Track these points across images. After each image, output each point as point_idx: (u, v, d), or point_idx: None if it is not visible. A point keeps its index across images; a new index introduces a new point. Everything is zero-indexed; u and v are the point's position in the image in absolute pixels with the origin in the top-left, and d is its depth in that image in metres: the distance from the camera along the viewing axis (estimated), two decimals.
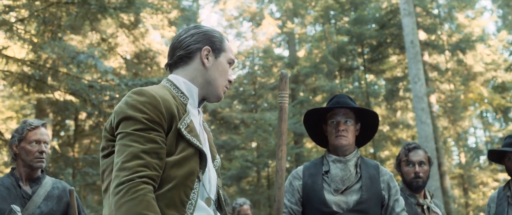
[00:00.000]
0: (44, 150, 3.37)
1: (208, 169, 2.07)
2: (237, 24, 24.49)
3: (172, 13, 17.16)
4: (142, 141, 1.87)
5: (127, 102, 1.95)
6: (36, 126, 3.39)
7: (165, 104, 1.95)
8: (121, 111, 1.94)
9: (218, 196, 2.18)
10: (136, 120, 1.90)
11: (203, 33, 2.19)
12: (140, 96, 1.95)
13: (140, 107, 1.92)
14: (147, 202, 1.77)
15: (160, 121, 1.92)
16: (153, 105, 1.92)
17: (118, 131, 1.93)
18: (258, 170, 18.43)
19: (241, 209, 5.97)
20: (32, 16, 8.71)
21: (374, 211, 3.11)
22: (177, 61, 2.17)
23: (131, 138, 1.88)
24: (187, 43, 2.16)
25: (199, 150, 2.00)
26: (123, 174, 1.81)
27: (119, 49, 15.37)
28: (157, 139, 1.90)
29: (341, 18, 21.65)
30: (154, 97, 1.94)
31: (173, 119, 1.96)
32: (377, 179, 3.19)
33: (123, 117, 1.93)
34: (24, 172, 3.37)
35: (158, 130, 1.91)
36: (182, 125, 1.98)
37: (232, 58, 2.22)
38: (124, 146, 1.88)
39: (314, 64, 19.58)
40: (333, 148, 3.24)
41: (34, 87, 9.53)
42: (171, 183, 1.89)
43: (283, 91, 2.54)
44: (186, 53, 2.15)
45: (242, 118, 18.36)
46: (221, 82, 2.18)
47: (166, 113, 1.94)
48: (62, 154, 11.77)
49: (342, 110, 3.20)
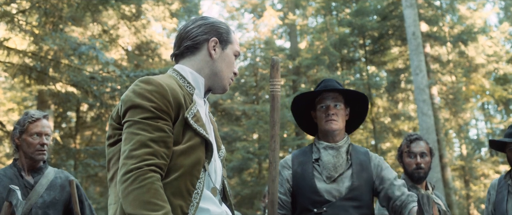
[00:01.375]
0: (45, 142, 3.37)
1: (214, 159, 2.09)
2: (238, 16, 24.45)
3: (173, 4, 17.14)
4: (150, 129, 1.87)
5: (134, 90, 1.95)
6: (37, 118, 3.39)
7: (173, 93, 1.96)
8: (128, 99, 1.94)
9: (223, 186, 2.19)
10: (144, 108, 1.90)
11: (211, 25, 2.18)
12: (147, 85, 1.95)
13: (147, 95, 1.92)
14: (155, 190, 1.78)
15: (167, 110, 1.92)
16: (161, 94, 1.93)
17: (126, 119, 1.93)
18: (259, 161, 18.45)
19: None
20: (33, 8, 8.70)
21: (365, 198, 3.03)
22: (184, 52, 2.18)
23: (138, 126, 1.88)
24: (194, 34, 2.16)
25: (206, 140, 2.00)
26: (131, 162, 1.82)
27: (121, 41, 15.36)
28: (165, 128, 1.90)
29: (342, 9, 21.59)
30: (161, 86, 1.94)
31: (181, 108, 1.97)
32: (367, 165, 3.11)
33: (130, 105, 1.93)
34: (26, 163, 3.38)
35: (165, 119, 1.92)
36: (189, 114, 1.98)
37: (238, 51, 2.23)
38: (131, 134, 1.88)
39: (315, 56, 19.54)
40: (323, 134, 3.15)
41: (36, 79, 9.54)
42: (177, 172, 1.90)
43: (274, 79, 2.46)
44: (193, 43, 2.16)
45: (244, 110, 18.38)
46: (227, 74, 2.19)
47: (173, 102, 1.94)
48: (64, 146, 11.79)
49: (331, 93, 3.12)
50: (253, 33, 22.35)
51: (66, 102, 13.17)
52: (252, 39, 20.52)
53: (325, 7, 21.40)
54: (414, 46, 15.47)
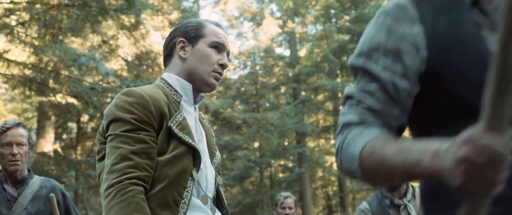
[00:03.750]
0: (15, 152, 3.23)
1: (205, 167, 2.04)
2: (238, 24, 24.47)
3: (172, 14, 17.16)
4: (131, 141, 1.86)
5: (116, 104, 1.94)
6: (7, 128, 3.26)
7: (155, 103, 1.93)
8: (110, 112, 1.93)
9: (218, 194, 2.14)
10: (125, 121, 1.88)
11: (179, 28, 2.17)
12: (128, 97, 1.93)
13: (128, 107, 1.90)
14: (136, 203, 1.76)
15: (149, 120, 1.90)
16: (142, 105, 1.90)
17: (108, 133, 1.92)
18: (260, 169, 18.45)
19: (284, 201, 5.51)
20: (33, 19, 8.72)
21: None
22: (165, 62, 2.18)
23: (120, 139, 1.87)
24: (166, 42, 2.17)
25: (192, 148, 1.96)
26: (112, 177, 1.80)
27: (120, 51, 15.38)
28: (147, 139, 1.88)
29: (341, 16, 21.63)
30: (142, 97, 1.92)
31: (164, 117, 1.94)
32: None
33: (112, 119, 1.92)
34: (7, 174, 3.29)
35: (147, 130, 1.89)
36: (173, 122, 1.94)
37: (216, 41, 2.11)
38: (113, 148, 1.87)
39: (315, 64, 19.57)
40: None
41: (36, 90, 9.54)
42: (163, 183, 1.87)
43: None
44: (167, 52, 2.16)
45: (244, 118, 18.38)
46: (204, 69, 2.09)
47: (155, 112, 1.92)
48: (65, 157, 11.78)
49: None
50: (252, 41, 22.42)
51: (67, 114, 13.17)
52: (251, 47, 20.58)
53: (324, 15, 21.45)
54: None
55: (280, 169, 20.70)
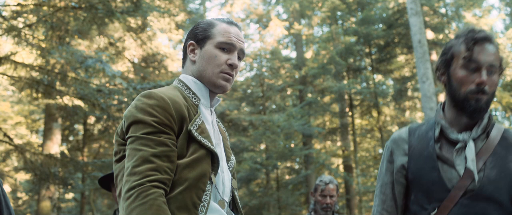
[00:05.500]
0: None
1: (222, 171, 2.05)
2: (244, 26, 24.49)
3: (179, 16, 17.18)
4: (152, 144, 1.85)
5: (136, 105, 1.94)
6: None
7: (175, 106, 1.94)
8: (130, 114, 1.93)
9: (233, 198, 2.15)
10: (146, 123, 1.88)
11: (191, 30, 2.18)
12: (149, 99, 1.93)
13: (149, 110, 1.90)
14: (157, 206, 1.75)
15: (170, 123, 1.90)
16: (163, 108, 1.91)
17: (128, 135, 1.91)
18: (267, 172, 18.42)
19: (325, 188, 4.81)
20: (40, 22, 8.76)
21: None
22: (182, 64, 2.21)
23: (141, 141, 1.87)
24: (183, 45, 2.19)
25: (211, 151, 1.97)
26: (134, 179, 1.80)
27: (127, 53, 15.42)
28: (168, 142, 1.88)
29: (348, 18, 21.60)
30: (163, 100, 1.92)
31: (184, 121, 1.94)
32: None
33: (132, 121, 1.91)
34: None
35: (168, 133, 1.89)
36: (193, 126, 1.95)
37: (223, 41, 2.09)
38: (134, 150, 1.86)
39: (321, 65, 19.54)
40: None
41: (43, 93, 9.57)
42: (182, 186, 1.87)
43: None
44: (183, 54, 2.19)
45: (251, 120, 18.37)
46: (211, 70, 2.08)
47: (176, 115, 1.92)
48: (72, 159, 11.79)
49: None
50: (259, 43, 22.43)
51: (73, 115, 13.21)
52: (258, 49, 20.55)
53: (330, 17, 21.42)
54: (420, 54, 15.43)
55: (286, 171, 20.68)
